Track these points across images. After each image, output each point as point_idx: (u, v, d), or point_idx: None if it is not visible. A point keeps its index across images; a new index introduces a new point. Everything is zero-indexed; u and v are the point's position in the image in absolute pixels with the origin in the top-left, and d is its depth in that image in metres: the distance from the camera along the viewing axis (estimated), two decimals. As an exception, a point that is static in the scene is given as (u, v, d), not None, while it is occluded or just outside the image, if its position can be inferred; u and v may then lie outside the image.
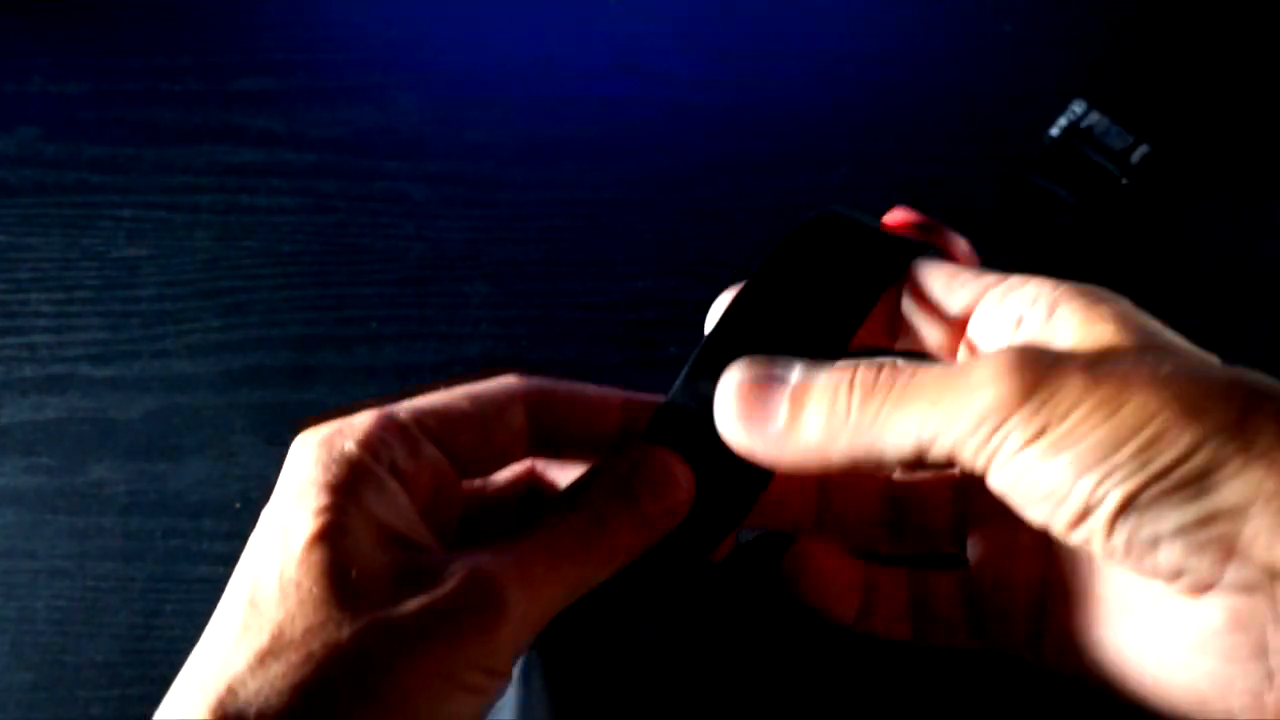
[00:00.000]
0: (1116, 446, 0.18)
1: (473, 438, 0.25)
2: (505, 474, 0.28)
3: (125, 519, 0.44)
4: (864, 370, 0.21)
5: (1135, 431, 0.18)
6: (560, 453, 0.27)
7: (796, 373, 0.22)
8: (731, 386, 0.23)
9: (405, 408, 0.24)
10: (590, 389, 0.27)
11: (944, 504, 0.27)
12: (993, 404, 0.19)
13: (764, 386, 0.22)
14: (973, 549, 0.27)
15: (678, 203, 0.51)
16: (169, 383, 0.47)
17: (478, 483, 0.28)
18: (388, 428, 0.23)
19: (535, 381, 0.26)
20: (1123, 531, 0.19)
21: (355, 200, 0.52)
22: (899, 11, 0.57)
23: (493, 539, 0.23)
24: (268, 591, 0.20)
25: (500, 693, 0.23)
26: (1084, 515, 0.19)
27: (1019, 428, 0.19)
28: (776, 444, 0.22)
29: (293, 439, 0.24)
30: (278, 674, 0.19)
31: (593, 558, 0.23)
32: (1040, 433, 0.19)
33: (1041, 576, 0.25)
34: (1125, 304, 0.22)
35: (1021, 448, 0.19)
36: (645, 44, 0.56)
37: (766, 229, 0.50)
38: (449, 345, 0.48)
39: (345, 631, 0.20)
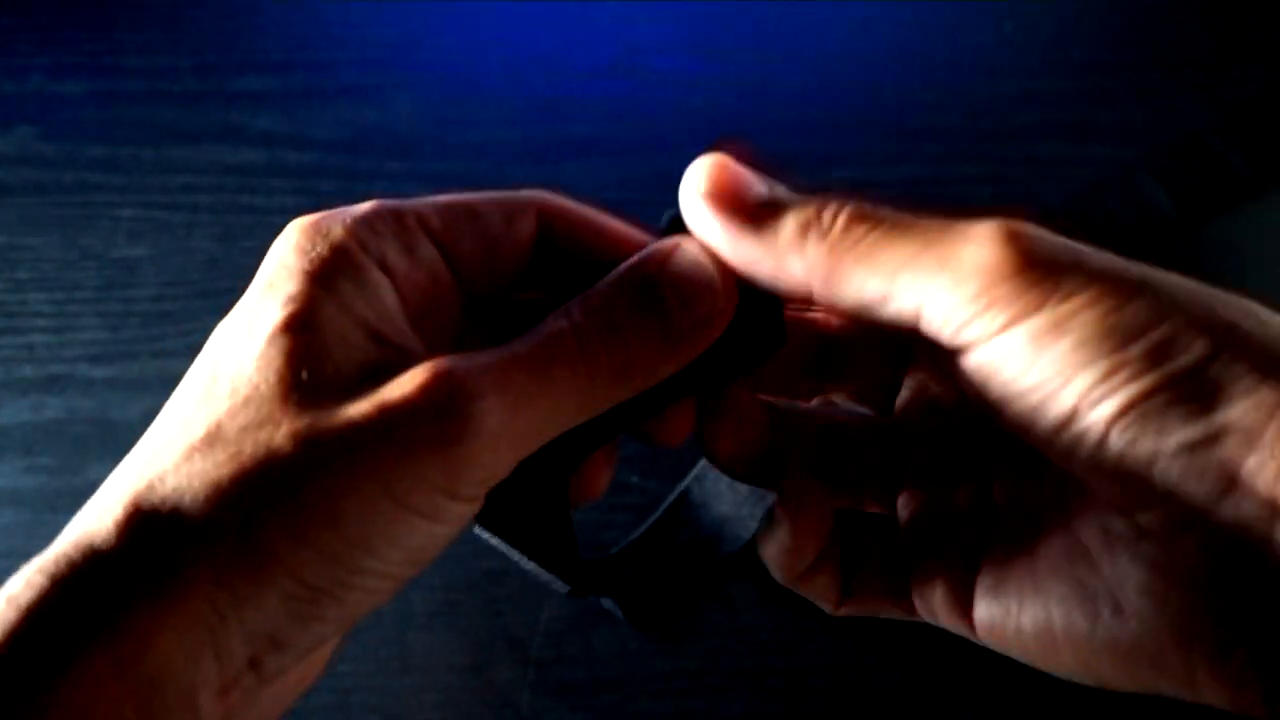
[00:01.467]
0: (1126, 342, 0.16)
1: (476, 244, 0.22)
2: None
3: (125, 519, 0.44)
4: (853, 204, 0.19)
5: (1146, 329, 0.16)
6: (565, 284, 0.22)
7: (768, 184, 0.20)
8: (709, 164, 0.20)
9: (410, 203, 0.22)
10: (613, 222, 0.24)
11: (868, 448, 0.24)
12: (985, 264, 0.17)
13: (743, 177, 0.20)
14: (902, 503, 0.24)
15: (678, 203, 0.51)
16: (168, 383, 0.46)
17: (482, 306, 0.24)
18: (383, 218, 0.21)
19: (556, 198, 0.23)
20: (1119, 440, 0.16)
21: (355, 200, 0.51)
22: (899, 11, 0.57)
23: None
24: (220, 386, 0.19)
25: (467, 523, 0.20)
26: (1074, 416, 0.17)
27: (1013, 299, 0.17)
28: (744, 236, 0.19)
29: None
30: (200, 470, 0.17)
31: (599, 374, 0.19)
32: (1037, 308, 0.16)
33: (976, 527, 0.22)
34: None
35: (1010, 323, 0.17)
36: (645, 44, 0.56)
37: (766, 229, 0.50)
38: (449, 345, 0.48)
39: (281, 431, 0.17)
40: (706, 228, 0.20)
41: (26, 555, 0.20)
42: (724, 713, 0.40)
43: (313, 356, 0.18)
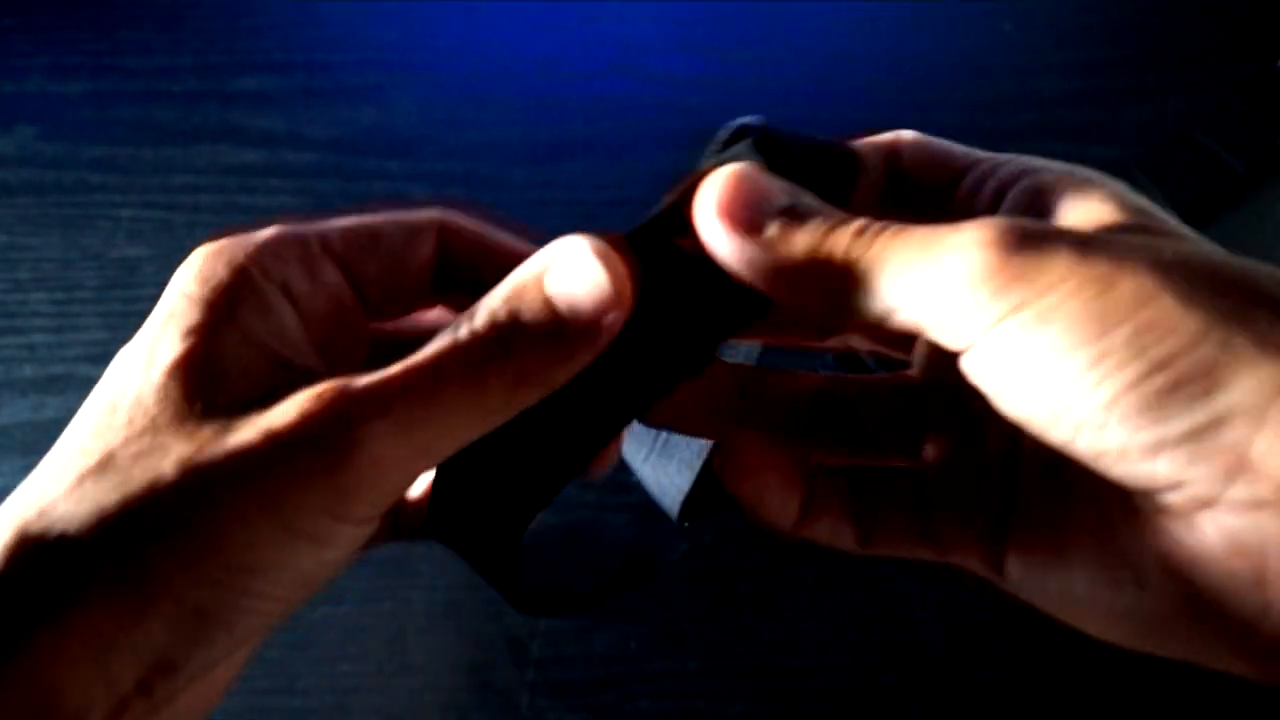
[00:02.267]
0: (1108, 328, 0.16)
1: (380, 264, 0.22)
2: (426, 316, 0.25)
3: (125, 519, 0.44)
4: (857, 221, 0.19)
5: (1131, 312, 0.16)
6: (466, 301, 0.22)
7: (791, 196, 0.20)
8: (726, 176, 0.19)
9: (313, 226, 0.22)
10: (509, 238, 0.24)
11: (883, 406, 0.24)
12: (971, 270, 0.17)
13: (759, 189, 0.19)
14: (929, 454, 0.23)
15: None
16: (168, 383, 0.47)
17: (389, 326, 0.24)
18: (285, 242, 0.21)
19: (454, 216, 0.23)
20: (1119, 431, 0.16)
21: (355, 200, 0.52)
22: (899, 11, 0.57)
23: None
24: (117, 416, 0.19)
25: (364, 544, 0.20)
26: (1068, 409, 0.16)
27: (998, 298, 0.16)
28: (757, 250, 0.19)
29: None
30: (90, 496, 0.18)
31: (489, 389, 0.18)
32: (1021, 305, 0.16)
33: (1002, 487, 0.22)
34: (1119, 185, 0.20)
35: (1000, 319, 0.17)
36: (645, 44, 0.56)
37: (766, 229, 0.50)
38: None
39: (170, 459, 0.18)
40: (718, 243, 0.20)
41: (27, 555, 0.20)
42: (724, 713, 0.40)
43: (209, 386, 0.18)
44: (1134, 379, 0.16)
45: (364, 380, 0.18)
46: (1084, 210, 0.19)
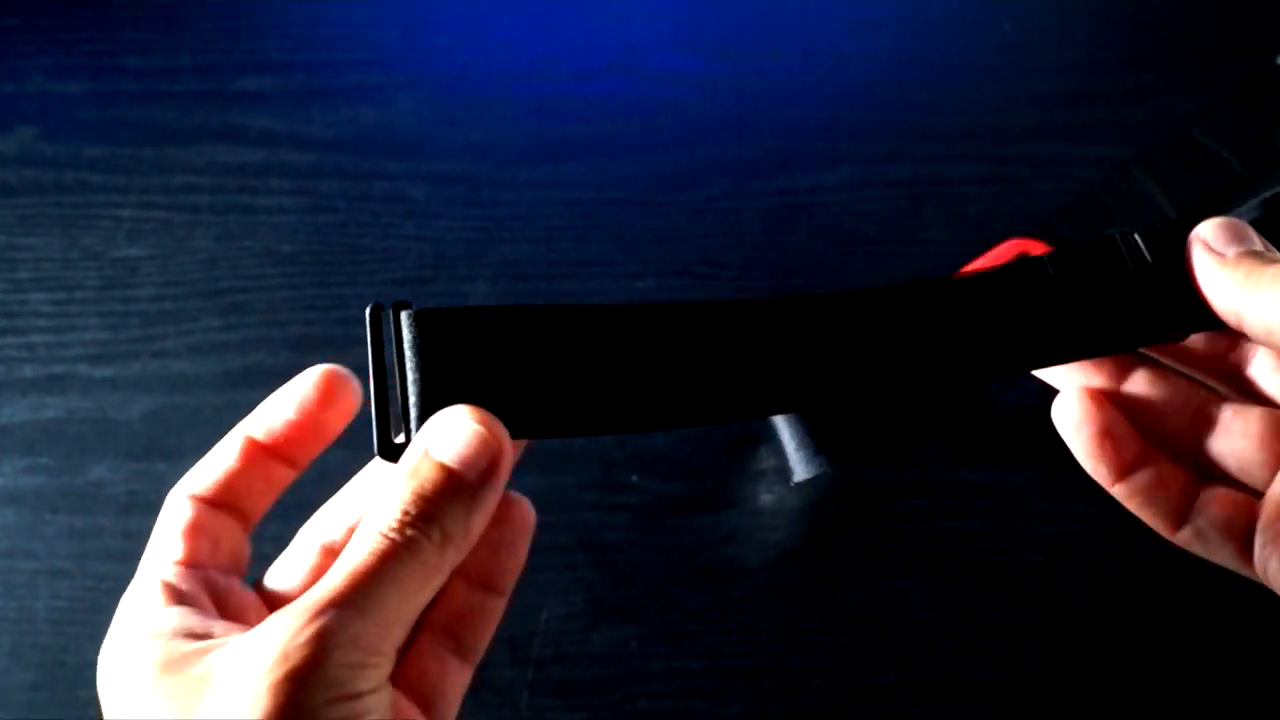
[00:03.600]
0: None
1: (255, 483, 0.26)
2: None
3: (124, 519, 0.44)
4: None
5: None
6: None
7: (1265, 245, 0.24)
8: (1221, 219, 0.24)
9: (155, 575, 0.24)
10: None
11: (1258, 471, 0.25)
12: None
13: (1244, 230, 0.24)
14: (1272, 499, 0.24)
15: (678, 203, 0.51)
16: (168, 383, 0.47)
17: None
18: (169, 598, 0.23)
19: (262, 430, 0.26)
20: None
21: (355, 200, 0.52)
22: (899, 11, 0.57)
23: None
24: None
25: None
26: None
27: None
28: (1230, 270, 0.23)
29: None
30: None
31: (428, 556, 0.22)
32: None
33: None
34: None
35: None
36: (645, 44, 0.56)
37: (766, 229, 0.50)
38: (449, 345, 0.48)
39: None
40: (1203, 262, 0.24)
41: (27, 554, 0.20)
42: (724, 713, 0.40)
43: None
44: None
45: (321, 593, 0.21)
46: None
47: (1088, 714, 0.40)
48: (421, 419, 0.23)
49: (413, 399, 0.23)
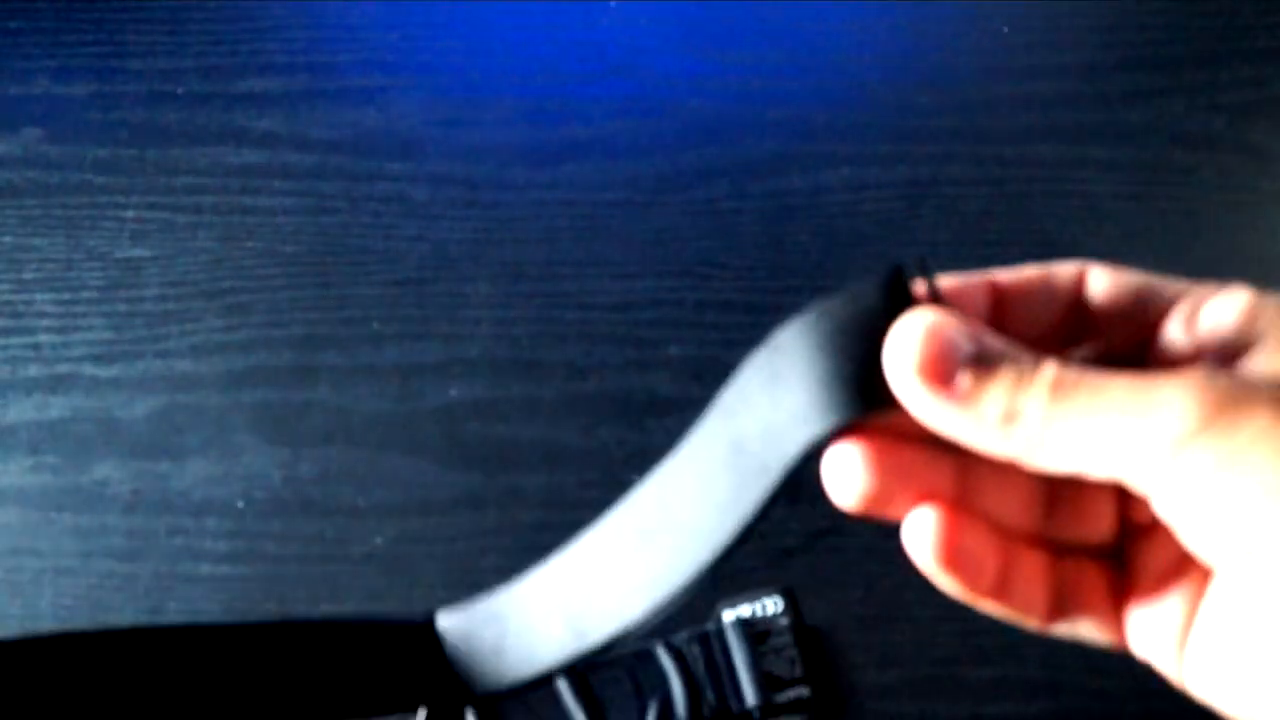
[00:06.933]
0: None
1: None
2: None
3: (129, 518, 0.44)
4: (1049, 369, 0.19)
5: None
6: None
7: (973, 340, 0.19)
8: (919, 329, 0.19)
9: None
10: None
11: (1104, 513, 0.24)
12: (1175, 428, 0.18)
13: (946, 339, 0.19)
14: (1131, 559, 0.23)
15: (678, 203, 0.51)
16: (172, 382, 0.47)
17: None
18: None
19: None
20: None
21: (357, 201, 0.52)
22: (898, 13, 0.57)
23: None
24: None
25: None
26: (1251, 553, 0.18)
27: (1198, 453, 0.18)
28: (950, 411, 0.19)
29: (295, 438, 0.24)
30: None
31: None
32: (1217, 460, 0.17)
33: (1202, 598, 0.22)
34: None
35: (1196, 473, 0.18)
36: (645, 44, 0.57)
37: (766, 229, 0.50)
38: (450, 345, 0.48)
39: None
40: (917, 405, 0.20)
41: (32, 553, 0.20)
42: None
43: None
44: None
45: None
46: None
47: (1087, 713, 0.40)
48: None
49: None
